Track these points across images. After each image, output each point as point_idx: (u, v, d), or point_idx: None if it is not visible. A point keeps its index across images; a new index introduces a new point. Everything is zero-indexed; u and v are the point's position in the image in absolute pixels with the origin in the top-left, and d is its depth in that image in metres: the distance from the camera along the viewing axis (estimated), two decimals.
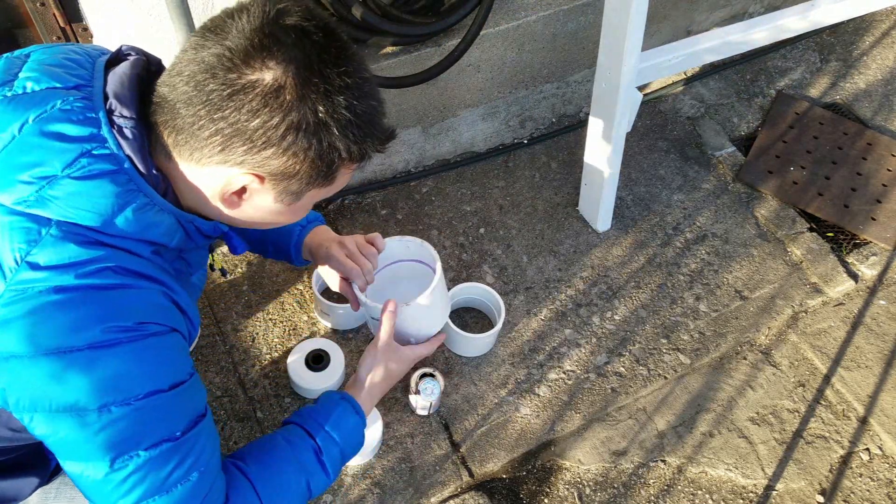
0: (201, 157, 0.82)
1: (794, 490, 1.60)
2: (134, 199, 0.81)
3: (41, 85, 0.82)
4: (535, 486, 1.55)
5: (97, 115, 0.81)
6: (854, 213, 2.06)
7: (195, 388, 0.89)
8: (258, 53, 0.77)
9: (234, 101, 0.78)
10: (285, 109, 0.78)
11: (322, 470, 1.07)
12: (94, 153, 0.79)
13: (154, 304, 0.83)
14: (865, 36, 2.55)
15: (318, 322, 1.71)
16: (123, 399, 0.79)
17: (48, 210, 0.77)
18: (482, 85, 1.99)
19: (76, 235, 0.78)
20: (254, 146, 0.80)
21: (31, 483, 1.04)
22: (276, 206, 0.89)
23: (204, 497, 0.89)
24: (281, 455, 1.04)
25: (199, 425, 0.88)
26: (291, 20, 0.79)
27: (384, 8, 1.65)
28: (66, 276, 0.76)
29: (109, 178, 0.80)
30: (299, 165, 0.83)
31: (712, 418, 1.68)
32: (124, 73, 0.85)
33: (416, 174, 2.02)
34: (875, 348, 1.83)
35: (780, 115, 2.28)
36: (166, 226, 0.85)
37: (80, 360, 0.76)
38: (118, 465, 0.82)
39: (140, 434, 0.82)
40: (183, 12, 1.28)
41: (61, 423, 0.79)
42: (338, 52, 0.81)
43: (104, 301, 0.78)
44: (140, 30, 1.55)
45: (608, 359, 1.74)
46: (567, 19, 1.97)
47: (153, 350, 0.81)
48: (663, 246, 1.95)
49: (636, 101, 1.68)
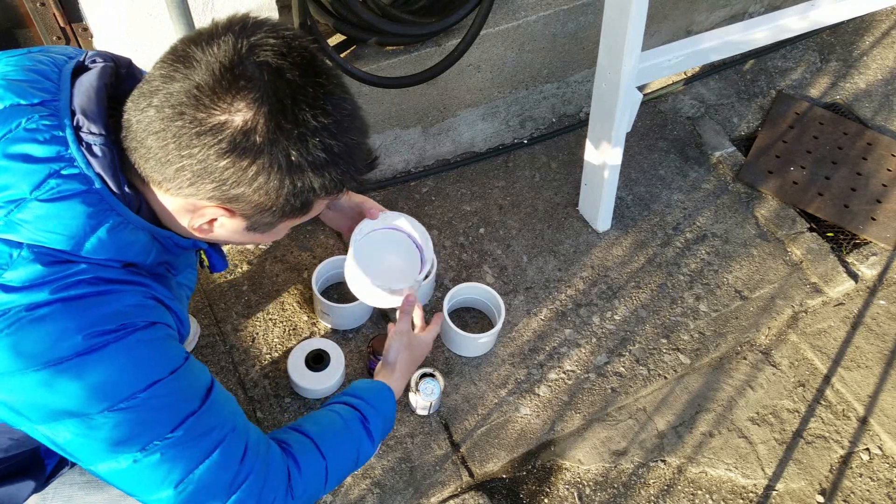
0: (170, 187, 0.80)
1: (794, 490, 1.60)
2: (107, 219, 0.79)
3: (4, 102, 0.79)
4: (535, 486, 1.55)
5: (64, 133, 0.78)
6: (854, 213, 2.06)
7: (194, 365, 0.89)
8: (227, 93, 0.74)
9: (201, 140, 0.75)
10: (255, 153, 0.76)
11: (368, 437, 1.11)
12: (62, 173, 0.77)
13: (135, 304, 0.82)
14: (865, 36, 2.55)
15: (318, 322, 1.72)
16: (126, 396, 0.79)
17: (18, 234, 0.76)
18: (482, 85, 1.99)
19: (47, 257, 0.76)
20: (223, 184, 0.78)
21: (28, 487, 1.04)
22: (248, 234, 0.89)
23: (244, 450, 0.90)
24: (333, 421, 1.08)
25: (212, 394, 0.89)
26: (265, 56, 0.76)
27: (384, 8, 1.65)
28: (40, 293, 0.75)
29: (80, 198, 0.77)
30: (271, 203, 0.81)
31: (712, 418, 1.68)
32: (91, 84, 0.82)
33: (416, 174, 2.02)
34: (875, 348, 1.83)
35: (780, 115, 2.28)
36: (141, 244, 0.83)
37: (71, 368, 0.76)
38: (146, 454, 0.82)
39: (156, 421, 0.82)
40: (183, 12, 1.28)
41: (70, 429, 0.79)
42: (314, 91, 0.77)
43: (82, 309, 0.77)
44: (140, 30, 1.55)
45: (608, 359, 1.74)
46: (567, 19, 1.97)
47: (143, 344, 0.81)
48: (663, 246, 1.95)
49: (636, 101, 1.68)
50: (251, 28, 0.78)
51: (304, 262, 1.81)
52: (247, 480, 0.90)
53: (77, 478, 1.12)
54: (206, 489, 0.86)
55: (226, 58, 0.75)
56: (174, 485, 0.84)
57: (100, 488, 1.12)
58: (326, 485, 1.05)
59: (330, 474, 1.04)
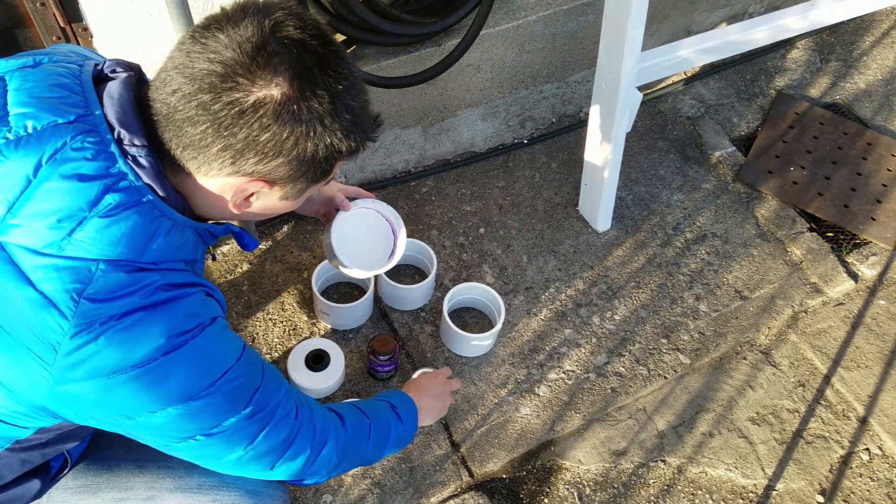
0: (209, 169, 0.85)
1: (794, 490, 1.60)
2: (161, 226, 0.84)
3: (41, 122, 0.80)
4: (535, 486, 1.55)
5: (110, 148, 0.81)
6: (854, 213, 2.06)
7: (249, 348, 0.96)
8: (263, 69, 0.79)
9: (243, 119, 0.80)
10: (294, 121, 0.81)
11: (398, 418, 1.24)
12: (115, 188, 0.80)
13: (201, 302, 0.88)
14: (865, 36, 2.55)
15: (318, 322, 1.72)
16: (205, 386, 0.86)
17: (84, 251, 0.79)
18: (482, 85, 1.99)
19: (122, 267, 0.81)
20: (265, 157, 0.83)
21: (34, 487, 1.06)
22: (281, 203, 0.94)
23: (296, 409, 1.00)
24: (361, 403, 1.23)
25: (265, 367, 0.97)
26: (288, 32, 0.81)
27: (384, 8, 1.65)
28: (131, 299, 0.81)
29: (135, 209, 0.81)
30: (306, 168, 0.87)
31: (712, 418, 1.68)
32: (121, 95, 0.85)
33: (416, 174, 2.02)
34: (875, 348, 1.83)
35: (780, 115, 2.28)
36: (192, 242, 0.90)
37: (156, 368, 0.82)
38: (220, 429, 0.90)
39: (231, 403, 0.89)
40: (182, 12, 1.28)
41: (152, 420, 0.85)
42: (333, 59, 0.83)
43: (164, 314, 0.83)
44: (140, 30, 1.55)
45: (608, 359, 1.74)
46: (567, 19, 1.97)
47: (213, 338, 0.88)
48: (663, 246, 1.95)
49: (636, 101, 1.68)
50: (266, 8, 0.82)
51: (304, 262, 1.81)
52: (301, 429, 1.00)
53: (70, 483, 1.12)
54: (270, 447, 0.96)
55: (254, 37, 0.79)
56: (244, 447, 0.93)
57: (94, 493, 1.13)
58: (369, 442, 1.16)
59: (373, 433, 1.17)
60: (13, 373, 0.81)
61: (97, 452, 1.15)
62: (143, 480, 1.14)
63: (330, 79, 0.82)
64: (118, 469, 1.15)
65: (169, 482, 1.14)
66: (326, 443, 1.05)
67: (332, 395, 1.60)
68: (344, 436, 1.10)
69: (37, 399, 0.82)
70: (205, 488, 1.14)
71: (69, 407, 0.83)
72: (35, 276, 0.78)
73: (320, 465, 1.05)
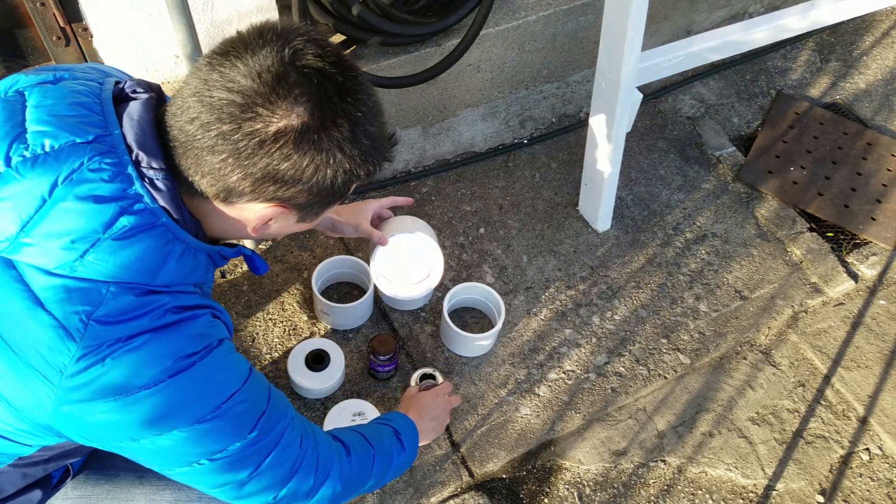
0: (228, 195, 0.84)
1: (794, 490, 1.60)
2: (174, 249, 0.83)
3: (59, 141, 0.79)
4: (535, 486, 1.55)
5: (127, 170, 0.80)
6: (854, 213, 2.06)
7: (255, 371, 0.96)
8: (283, 100, 0.78)
9: (264, 149, 0.79)
10: (314, 150, 0.81)
11: (401, 446, 1.24)
12: (131, 211, 0.80)
13: (208, 324, 0.88)
14: (865, 36, 2.55)
15: (318, 322, 1.72)
16: (211, 409, 0.85)
17: (96, 272, 0.79)
18: (482, 85, 1.99)
19: (133, 290, 0.81)
20: (284, 185, 0.83)
21: (35, 497, 1.06)
22: (297, 225, 0.95)
23: (301, 436, 0.99)
24: (369, 426, 1.25)
25: (271, 391, 0.96)
26: (308, 60, 0.80)
27: (384, 8, 1.65)
28: (140, 321, 0.80)
29: (149, 232, 0.81)
30: (326, 192, 0.87)
31: (712, 418, 1.68)
32: (141, 117, 0.84)
33: (416, 174, 2.02)
34: (875, 348, 1.83)
35: (780, 115, 2.28)
36: (203, 265, 0.89)
37: (162, 391, 0.81)
38: (224, 454, 0.89)
39: (235, 427, 0.88)
40: (182, 12, 1.28)
41: (156, 443, 0.85)
42: (352, 85, 0.82)
43: (171, 336, 0.82)
44: (140, 30, 1.55)
45: (608, 359, 1.74)
46: (567, 19, 1.97)
47: (219, 361, 0.87)
48: (663, 246, 1.95)
49: (636, 101, 1.68)
50: (284, 34, 0.81)
51: (304, 262, 1.81)
52: (305, 458, 0.99)
53: (70, 493, 1.13)
54: (273, 474, 0.95)
55: (274, 66, 0.78)
56: (247, 474, 0.92)
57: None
58: (373, 472, 1.16)
59: (376, 463, 1.16)
60: (19, 391, 0.80)
61: (97, 462, 1.15)
62: (142, 492, 1.14)
63: (349, 106, 0.82)
64: (118, 479, 1.15)
65: (169, 493, 1.14)
66: (330, 473, 1.04)
67: (332, 394, 1.60)
68: (348, 467, 1.09)
69: (42, 418, 0.82)
70: (205, 500, 1.15)
71: (73, 427, 0.82)
72: (45, 296, 0.78)
73: (323, 496, 1.04)
